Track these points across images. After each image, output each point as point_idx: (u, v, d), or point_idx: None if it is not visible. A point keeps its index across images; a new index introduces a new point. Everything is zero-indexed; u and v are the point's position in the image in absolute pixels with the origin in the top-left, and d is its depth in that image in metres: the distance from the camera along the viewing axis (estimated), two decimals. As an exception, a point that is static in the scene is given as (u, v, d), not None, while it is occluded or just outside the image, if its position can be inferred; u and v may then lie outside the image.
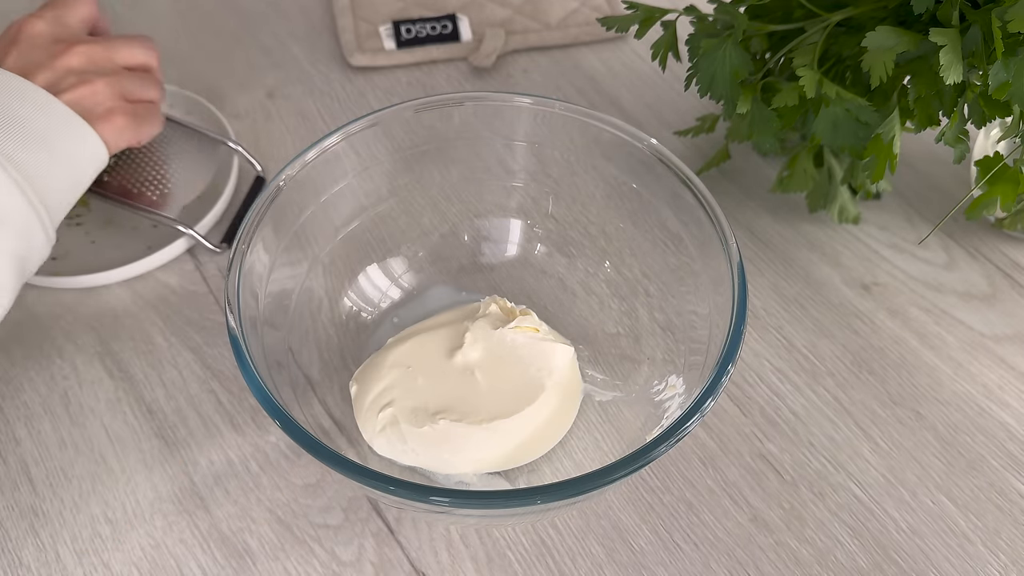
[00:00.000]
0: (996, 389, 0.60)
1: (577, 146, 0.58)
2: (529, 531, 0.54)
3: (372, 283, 0.61)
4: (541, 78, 0.80)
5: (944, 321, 0.64)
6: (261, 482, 0.55)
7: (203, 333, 0.62)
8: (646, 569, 0.53)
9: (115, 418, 0.58)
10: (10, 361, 0.61)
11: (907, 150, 0.73)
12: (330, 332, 0.58)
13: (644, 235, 0.58)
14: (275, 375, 0.50)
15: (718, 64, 0.58)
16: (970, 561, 0.53)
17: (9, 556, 0.53)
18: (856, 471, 0.57)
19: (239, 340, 0.47)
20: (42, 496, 0.55)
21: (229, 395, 0.59)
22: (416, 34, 0.81)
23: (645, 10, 0.63)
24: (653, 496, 0.55)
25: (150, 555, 0.53)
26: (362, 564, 0.52)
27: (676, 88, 0.79)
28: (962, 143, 0.57)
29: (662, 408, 0.53)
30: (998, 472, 0.57)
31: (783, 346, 0.62)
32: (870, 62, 0.54)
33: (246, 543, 0.53)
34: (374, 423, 0.53)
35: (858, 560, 0.53)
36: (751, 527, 0.54)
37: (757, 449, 0.57)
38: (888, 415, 0.59)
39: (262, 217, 0.52)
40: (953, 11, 0.52)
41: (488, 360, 0.55)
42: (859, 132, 0.57)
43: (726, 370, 0.47)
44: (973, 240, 0.69)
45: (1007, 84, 0.52)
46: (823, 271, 0.67)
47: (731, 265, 0.50)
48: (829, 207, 0.67)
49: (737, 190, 0.72)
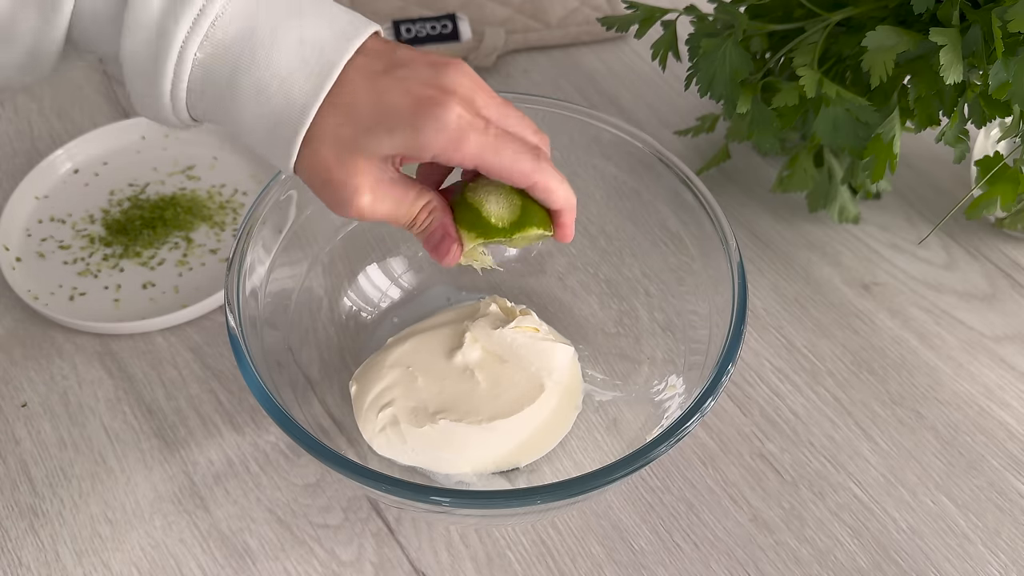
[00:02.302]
0: (996, 389, 0.60)
1: (577, 146, 0.58)
2: (529, 531, 0.54)
3: (372, 283, 0.61)
4: (541, 78, 0.80)
5: (944, 321, 0.64)
6: (261, 482, 0.55)
7: (203, 333, 0.62)
8: (646, 569, 0.53)
9: (115, 418, 0.58)
10: (10, 361, 0.61)
11: (907, 150, 0.73)
12: (330, 332, 0.58)
13: (644, 235, 0.58)
14: (275, 375, 0.50)
15: (718, 64, 0.58)
16: (970, 561, 0.53)
17: (9, 556, 0.53)
18: (856, 471, 0.57)
19: (239, 340, 0.47)
20: (42, 496, 0.55)
21: (229, 395, 0.59)
22: (416, 33, 0.81)
23: (645, 10, 0.63)
24: (653, 496, 0.55)
25: (150, 555, 0.53)
26: (362, 564, 0.52)
27: (676, 88, 0.79)
28: (962, 143, 0.57)
29: (662, 408, 0.53)
30: (998, 472, 0.57)
31: (783, 346, 0.62)
32: (870, 62, 0.54)
33: (246, 543, 0.53)
34: (374, 423, 0.52)
35: (858, 560, 0.53)
36: (751, 527, 0.54)
37: (757, 449, 0.57)
38: (888, 415, 0.59)
39: (262, 217, 0.52)
40: (953, 11, 0.52)
41: (488, 360, 0.55)
42: (859, 132, 0.57)
43: (726, 370, 0.47)
44: (973, 240, 0.69)
45: (1007, 84, 0.52)
46: (823, 271, 0.67)
47: (731, 265, 0.50)
48: (829, 207, 0.67)
49: (737, 190, 0.72)
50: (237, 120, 0.41)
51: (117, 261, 0.66)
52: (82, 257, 0.66)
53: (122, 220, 0.68)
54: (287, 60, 0.40)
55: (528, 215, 0.44)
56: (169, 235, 0.67)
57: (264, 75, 0.40)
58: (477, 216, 0.44)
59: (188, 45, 0.39)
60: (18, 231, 0.67)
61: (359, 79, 0.40)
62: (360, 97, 0.40)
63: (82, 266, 0.65)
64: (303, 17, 0.40)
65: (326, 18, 0.41)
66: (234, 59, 0.40)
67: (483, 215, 0.44)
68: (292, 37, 0.40)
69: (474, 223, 0.44)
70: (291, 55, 0.40)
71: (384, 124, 0.40)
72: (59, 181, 0.71)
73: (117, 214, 0.68)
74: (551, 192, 0.43)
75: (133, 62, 0.40)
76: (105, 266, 0.65)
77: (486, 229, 0.44)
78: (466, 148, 0.40)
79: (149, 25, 0.39)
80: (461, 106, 0.40)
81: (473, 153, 0.40)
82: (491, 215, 0.44)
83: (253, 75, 0.40)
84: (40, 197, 0.70)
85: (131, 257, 0.66)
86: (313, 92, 0.40)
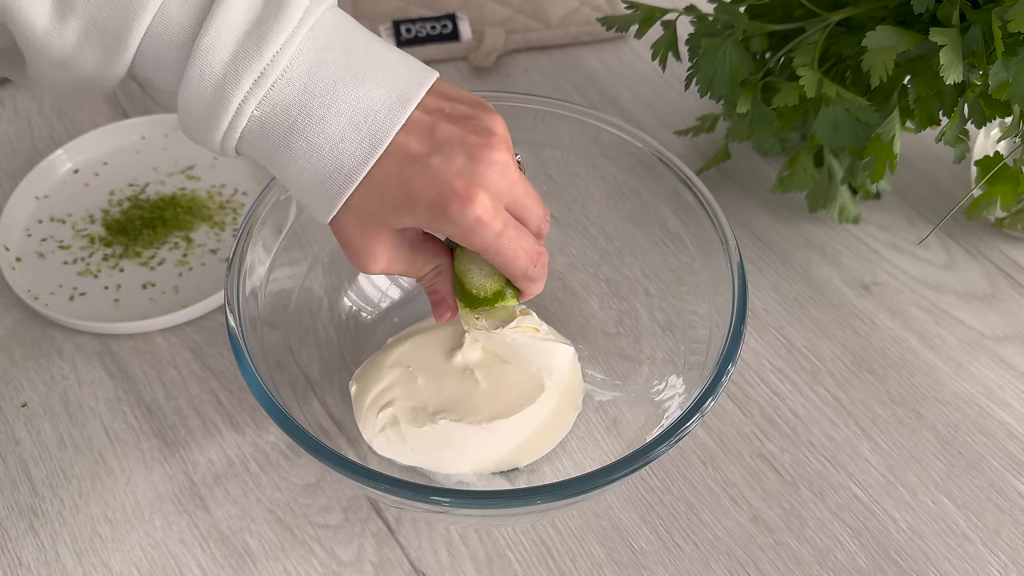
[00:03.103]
0: (996, 389, 0.60)
1: (577, 146, 0.58)
2: (529, 531, 0.54)
3: (372, 283, 0.61)
4: (541, 78, 0.80)
5: (944, 321, 0.64)
6: (261, 482, 0.55)
7: (203, 333, 0.62)
8: (646, 569, 0.53)
9: (115, 418, 0.58)
10: (10, 361, 0.61)
11: (907, 150, 0.73)
12: (330, 332, 0.58)
13: (644, 235, 0.58)
14: (275, 375, 0.50)
15: (718, 64, 0.58)
16: (970, 561, 0.53)
17: (9, 556, 0.53)
18: (856, 471, 0.57)
19: (239, 340, 0.47)
20: (42, 496, 0.55)
21: (229, 395, 0.59)
22: (416, 33, 0.81)
23: (645, 10, 0.63)
24: (653, 496, 0.55)
25: (150, 555, 0.53)
26: (362, 564, 0.52)
27: (676, 88, 0.79)
28: (962, 143, 0.57)
29: (662, 408, 0.53)
30: (998, 472, 0.57)
31: (783, 346, 0.62)
32: (870, 62, 0.54)
33: (246, 543, 0.53)
34: (374, 423, 0.52)
35: (858, 560, 0.53)
36: (751, 527, 0.54)
37: (757, 449, 0.57)
38: (888, 415, 0.59)
39: (262, 217, 0.52)
40: (953, 11, 0.52)
41: (488, 360, 0.55)
42: (859, 132, 0.57)
43: (726, 370, 0.47)
44: (973, 240, 0.69)
45: (1007, 84, 0.52)
46: (823, 271, 0.67)
47: (731, 265, 0.50)
48: (829, 207, 0.67)
49: (737, 190, 0.72)
50: (284, 170, 0.43)
51: (117, 261, 0.66)
52: (82, 257, 0.66)
53: (122, 220, 0.68)
54: (341, 126, 0.41)
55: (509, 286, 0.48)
56: (169, 235, 0.67)
57: (318, 138, 0.41)
58: (460, 287, 0.48)
59: (247, 103, 0.41)
60: (18, 231, 0.67)
61: (395, 159, 0.42)
62: (390, 179, 0.42)
63: (82, 266, 0.65)
64: (360, 81, 0.41)
65: (383, 80, 0.42)
66: (291, 120, 0.41)
67: (466, 287, 0.47)
68: (348, 102, 0.41)
69: (461, 293, 0.48)
70: (345, 121, 0.41)
71: (407, 206, 0.42)
72: (59, 181, 0.71)
73: (117, 214, 0.68)
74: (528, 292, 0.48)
75: (189, 109, 0.42)
76: (105, 266, 0.65)
77: (469, 299, 0.48)
78: (474, 242, 0.43)
79: (212, 79, 0.40)
80: (482, 208, 0.42)
81: (478, 248, 0.43)
82: (473, 287, 0.47)
83: (307, 136, 0.41)
84: (40, 197, 0.69)
85: (131, 257, 0.66)
86: (361, 161, 0.41)
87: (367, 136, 0.41)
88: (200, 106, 0.41)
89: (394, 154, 0.42)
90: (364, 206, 0.42)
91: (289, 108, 0.41)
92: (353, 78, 0.41)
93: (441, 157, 0.42)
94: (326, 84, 0.41)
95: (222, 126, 0.41)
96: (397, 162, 0.42)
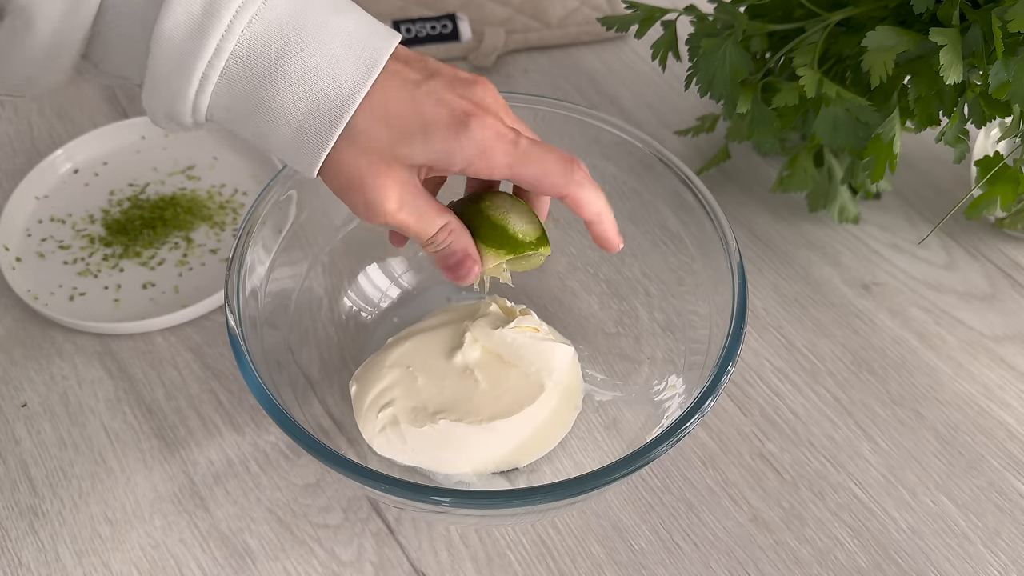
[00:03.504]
0: (996, 389, 0.60)
1: (577, 146, 0.58)
2: (529, 531, 0.54)
3: (372, 283, 0.61)
4: (541, 78, 0.80)
5: (944, 321, 0.64)
6: (261, 482, 0.55)
7: (203, 333, 0.62)
8: (646, 569, 0.53)
9: (115, 418, 0.58)
10: (10, 361, 0.61)
11: (907, 150, 0.73)
12: (330, 332, 0.58)
13: (644, 235, 0.58)
14: (275, 375, 0.50)
15: (718, 64, 0.58)
16: (970, 561, 0.53)
17: (9, 556, 0.53)
18: (856, 471, 0.57)
19: (239, 340, 0.47)
20: (42, 496, 0.55)
21: (229, 395, 0.59)
22: (416, 33, 0.81)
23: (645, 10, 0.63)
24: (653, 496, 0.55)
25: (150, 555, 0.53)
26: (362, 564, 0.52)
27: (676, 88, 0.79)
28: (962, 143, 0.57)
29: (662, 408, 0.53)
30: (998, 472, 0.57)
31: (783, 346, 0.62)
32: (870, 62, 0.54)
33: (246, 543, 0.53)
34: (374, 423, 0.52)
35: (858, 560, 0.53)
36: (751, 527, 0.54)
37: (757, 449, 0.57)
38: (888, 415, 0.59)
39: (262, 217, 0.52)
40: (953, 11, 0.52)
41: (488, 360, 0.55)
42: (859, 132, 0.57)
43: (726, 370, 0.47)
44: (973, 240, 0.69)
45: (1007, 84, 0.52)
46: (823, 271, 0.67)
47: (731, 265, 0.50)
48: (829, 207, 0.67)
49: (737, 190, 0.72)
50: (269, 110, 0.40)
51: (117, 261, 0.66)
52: (82, 257, 0.66)
53: (122, 220, 0.68)
54: (336, 45, 0.40)
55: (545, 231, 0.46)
56: (169, 235, 0.67)
57: (314, 56, 0.39)
58: (503, 233, 0.45)
59: (237, 21, 0.38)
60: (18, 231, 0.67)
61: (395, 83, 0.40)
62: (396, 103, 0.40)
63: (82, 266, 0.65)
64: (344, 14, 0.40)
65: (364, 19, 0.41)
66: (283, 39, 0.39)
67: (510, 232, 0.45)
68: (339, 26, 0.40)
69: (502, 240, 0.45)
70: (339, 42, 0.40)
71: (420, 132, 0.40)
72: (59, 181, 0.71)
73: (117, 214, 0.68)
74: (581, 206, 0.43)
75: (169, 41, 0.38)
76: (105, 266, 0.65)
77: (514, 245, 0.45)
78: (497, 159, 0.41)
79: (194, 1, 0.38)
80: (496, 121, 0.41)
81: (504, 163, 0.41)
82: (518, 232, 0.45)
83: (302, 56, 0.39)
84: (40, 197, 0.70)
85: (131, 257, 0.66)
86: (361, 79, 0.40)
87: (362, 57, 0.40)
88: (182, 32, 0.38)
89: (393, 81, 0.40)
90: (371, 139, 0.40)
91: (284, 27, 0.39)
92: (338, 12, 0.40)
93: (439, 82, 0.41)
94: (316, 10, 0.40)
95: (205, 55, 0.38)
96: (400, 87, 0.40)
